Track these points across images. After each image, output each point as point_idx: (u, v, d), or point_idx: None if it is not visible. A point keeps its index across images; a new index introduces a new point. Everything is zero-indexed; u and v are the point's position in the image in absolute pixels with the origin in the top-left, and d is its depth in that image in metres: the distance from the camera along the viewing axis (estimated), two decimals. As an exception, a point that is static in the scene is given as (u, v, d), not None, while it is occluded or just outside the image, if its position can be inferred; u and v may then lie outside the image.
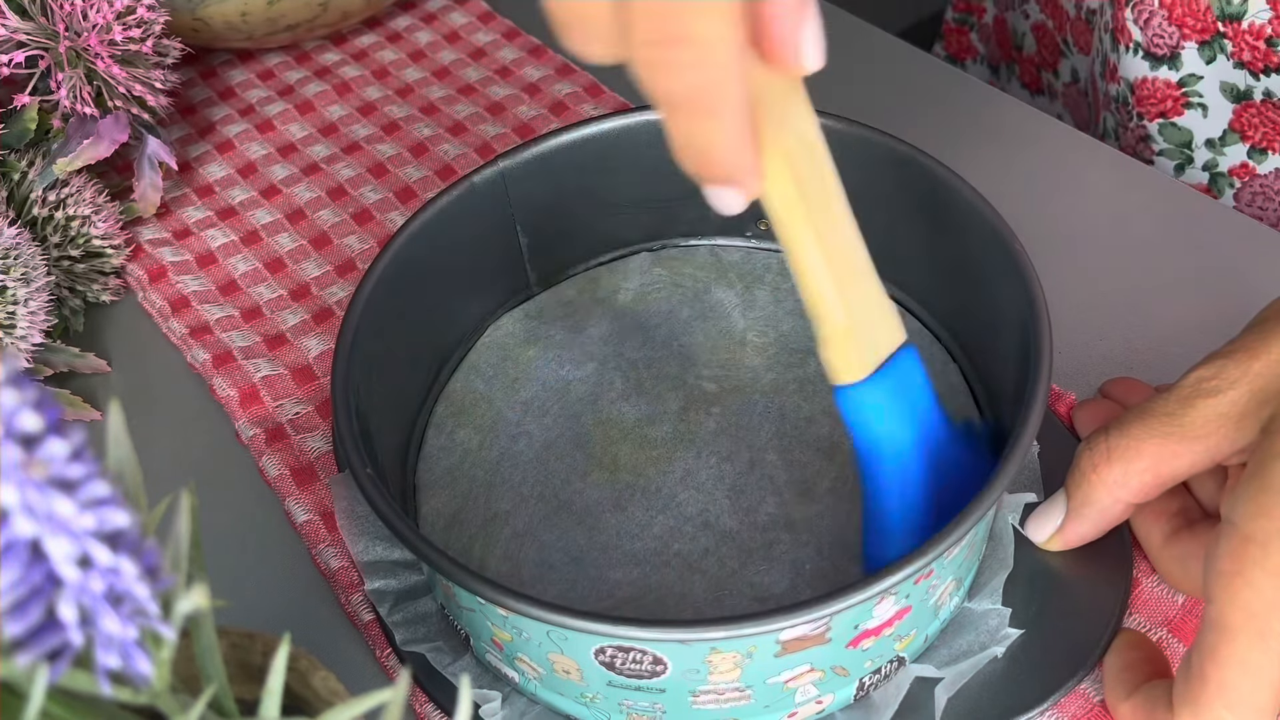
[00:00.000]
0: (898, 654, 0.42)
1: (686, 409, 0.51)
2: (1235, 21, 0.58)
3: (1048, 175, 0.61)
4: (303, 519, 0.50)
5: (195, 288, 0.60)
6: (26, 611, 0.23)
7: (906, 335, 0.42)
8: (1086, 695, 0.43)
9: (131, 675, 0.24)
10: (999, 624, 0.43)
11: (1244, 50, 0.57)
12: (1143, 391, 0.49)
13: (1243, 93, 0.60)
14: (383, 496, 0.40)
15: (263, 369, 0.56)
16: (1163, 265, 0.56)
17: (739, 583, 0.45)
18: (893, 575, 0.37)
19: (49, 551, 0.22)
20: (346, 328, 0.45)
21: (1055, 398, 0.51)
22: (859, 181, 0.51)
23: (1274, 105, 0.57)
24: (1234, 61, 0.59)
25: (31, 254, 0.53)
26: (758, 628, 0.36)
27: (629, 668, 0.39)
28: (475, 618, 0.41)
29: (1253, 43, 0.57)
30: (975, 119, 0.65)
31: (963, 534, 0.37)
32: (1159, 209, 0.59)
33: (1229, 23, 0.58)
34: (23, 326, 0.52)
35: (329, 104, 0.70)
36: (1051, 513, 0.44)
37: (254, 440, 0.53)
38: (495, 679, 0.44)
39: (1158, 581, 0.45)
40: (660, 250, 0.56)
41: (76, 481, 0.22)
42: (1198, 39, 0.61)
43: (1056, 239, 0.57)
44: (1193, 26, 0.60)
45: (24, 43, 0.57)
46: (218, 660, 0.29)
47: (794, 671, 0.39)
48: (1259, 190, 0.65)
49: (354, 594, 0.47)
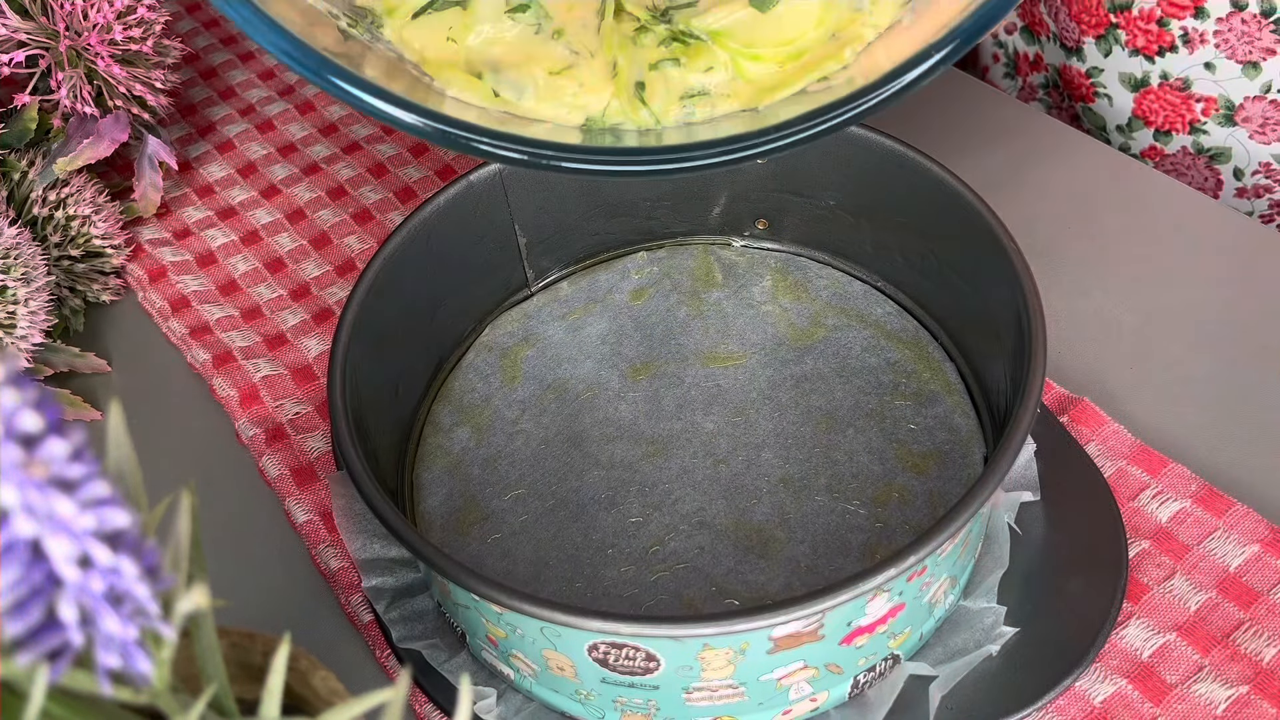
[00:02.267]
0: (892, 652, 0.42)
1: (683, 408, 0.51)
2: (1125, 10, 0.59)
3: (1047, 173, 0.61)
4: (303, 519, 0.50)
5: (195, 288, 0.60)
6: (27, 611, 0.23)
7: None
8: (1081, 693, 0.43)
9: (132, 675, 0.24)
10: (994, 622, 0.43)
11: (1138, 36, 0.59)
12: None
13: (1140, 81, 0.61)
14: (379, 494, 0.40)
15: (263, 369, 0.56)
16: (1163, 264, 0.56)
17: (734, 580, 0.45)
18: (884, 572, 0.37)
19: (49, 551, 0.22)
20: (343, 327, 0.46)
21: (1051, 396, 0.51)
22: (855, 181, 0.52)
23: (1171, 88, 0.58)
24: (1129, 50, 0.60)
25: (32, 254, 0.53)
26: (749, 624, 0.36)
27: (622, 664, 0.39)
28: (470, 615, 0.42)
29: (1145, 27, 0.58)
30: (976, 118, 0.65)
31: (955, 530, 0.38)
32: (1159, 208, 0.59)
33: (1120, 13, 0.60)
34: (23, 326, 0.53)
35: (329, 104, 0.70)
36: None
37: (254, 440, 0.53)
38: (491, 676, 0.44)
39: (1166, 587, 0.45)
40: (658, 250, 0.56)
41: (77, 481, 0.22)
42: (1094, 34, 0.62)
43: (1053, 236, 0.58)
44: (1089, 22, 0.62)
45: (24, 42, 0.58)
46: (218, 660, 0.29)
47: (787, 669, 0.40)
48: (1170, 169, 0.67)
49: (354, 594, 0.48)
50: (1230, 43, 0.57)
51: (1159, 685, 0.43)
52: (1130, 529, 0.47)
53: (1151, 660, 0.43)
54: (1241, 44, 0.56)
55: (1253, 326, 0.54)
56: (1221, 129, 0.62)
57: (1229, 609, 0.44)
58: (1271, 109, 0.59)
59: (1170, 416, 0.51)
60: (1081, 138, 0.63)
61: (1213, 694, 0.42)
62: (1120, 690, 0.43)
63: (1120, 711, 0.42)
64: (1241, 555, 0.46)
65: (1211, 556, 0.46)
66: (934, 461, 0.48)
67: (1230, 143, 0.62)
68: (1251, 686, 0.42)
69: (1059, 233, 0.58)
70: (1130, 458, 0.49)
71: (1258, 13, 0.55)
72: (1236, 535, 0.46)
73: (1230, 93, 0.60)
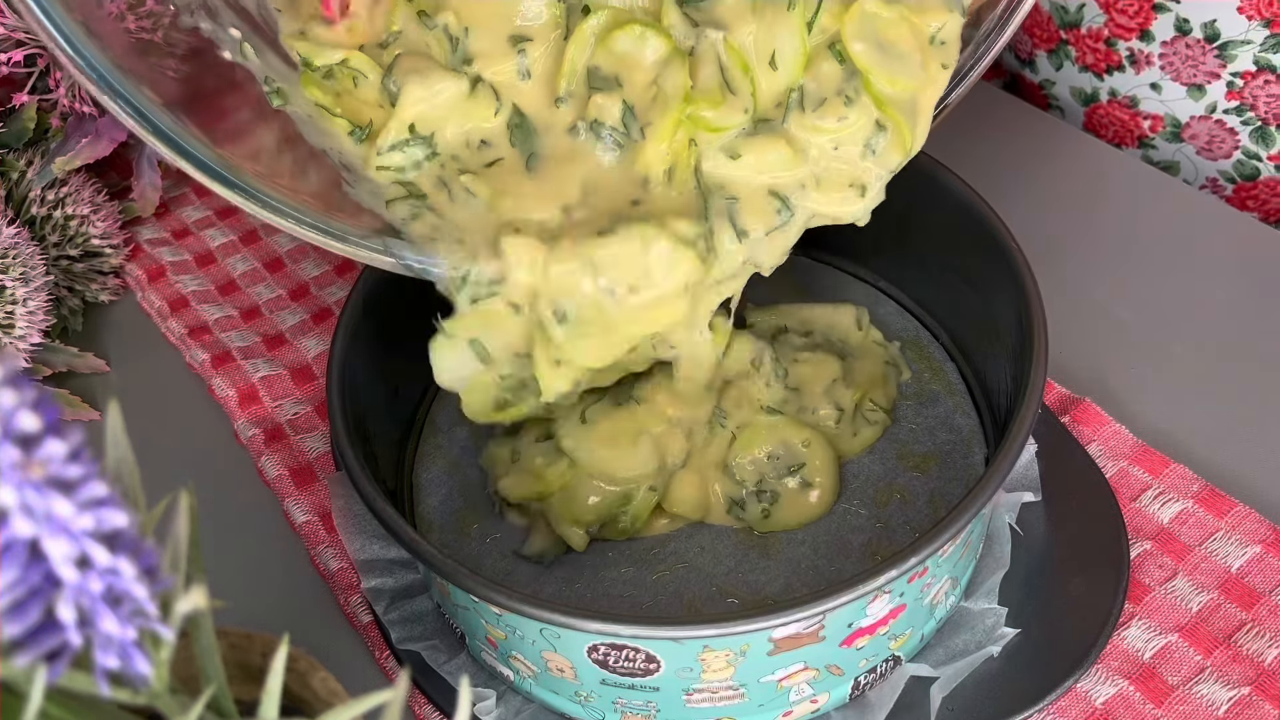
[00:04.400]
0: (893, 653, 0.42)
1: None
2: (1075, 28, 0.60)
3: (1048, 173, 0.61)
4: (302, 520, 0.50)
5: (194, 287, 0.60)
6: (25, 612, 0.23)
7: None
8: (1083, 694, 0.43)
9: (130, 676, 0.24)
10: (995, 623, 0.43)
11: (1087, 54, 0.59)
12: None
13: (1090, 95, 0.62)
14: (378, 495, 0.40)
15: (261, 369, 0.56)
16: (1165, 264, 0.56)
17: (735, 581, 0.45)
18: (885, 573, 0.37)
19: (48, 552, 0.22)
20: (342, 327, 0.46)
21: (1052, 396, 0.51)
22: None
23: (1119, 104, 0.59)
24: (1079, 66, 0.61)
25: (30, 253, 0.53)
26: (750, 625, 0.36)
27: (622, 666, 0.39)
28: (470, 616, 0.41)
29: (1093, 45, 0.59)
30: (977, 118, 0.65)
31: (956, 531, 0.38)
32: (1161, 208, 0.59)
33: (1069, 30, 0.60)
34: (21, 326, 0.52)
35: (327, 103, 0.70)
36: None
37: (253, 440, 0.53)
38: (490, 677, 0.44)
39: (1168, 587, 0.45)
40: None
41: (75, 482, 0.22)
42: (1046, 48, 0.63)
43: (1055, 235, 0.57)
44: (1040, 36, 0.63)
45: (23, 41, 0.58)
46: (217, 661, 0.29)
47: (788, 670, 0.40)
48: None
49: (353, 595, 0.47)
50: (1175, 65, 0.57)
51: (1160, 686, 0.43)
52: (1132, 529, 0.47)
53: (1153, 661, 0.43)
54: (1186, 67, 0.57)
55: (1254, 326, 0.53)
56: (1170, 144, 0.63)
57: (1231, 610, 0.44)
58: (1217, 128, 0.59)
59: (1172, 417, 0.50)
60: (1083, 137, 0.63)
61: (1214, 695, 0.42)
62: (1122, 691, 0.43)
63: (1122, 712, 0.42)
64: (1243, 556, 0.45)
65: (1213, 557, 0.46)
66: (935, 462, 0.48)
67: (1179, 158, 0.63)
68: (1253, 688, 0.42)
69: (1060, 232, 0.58)
70: (1132, 458, 0.49)
71: (1201, 38, 0.55)
72: (1238, 536, 0.46)
73: (1176, 112, 0.61)
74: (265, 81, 0.42)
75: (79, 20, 0.37)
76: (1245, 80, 0.57)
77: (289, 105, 0.42)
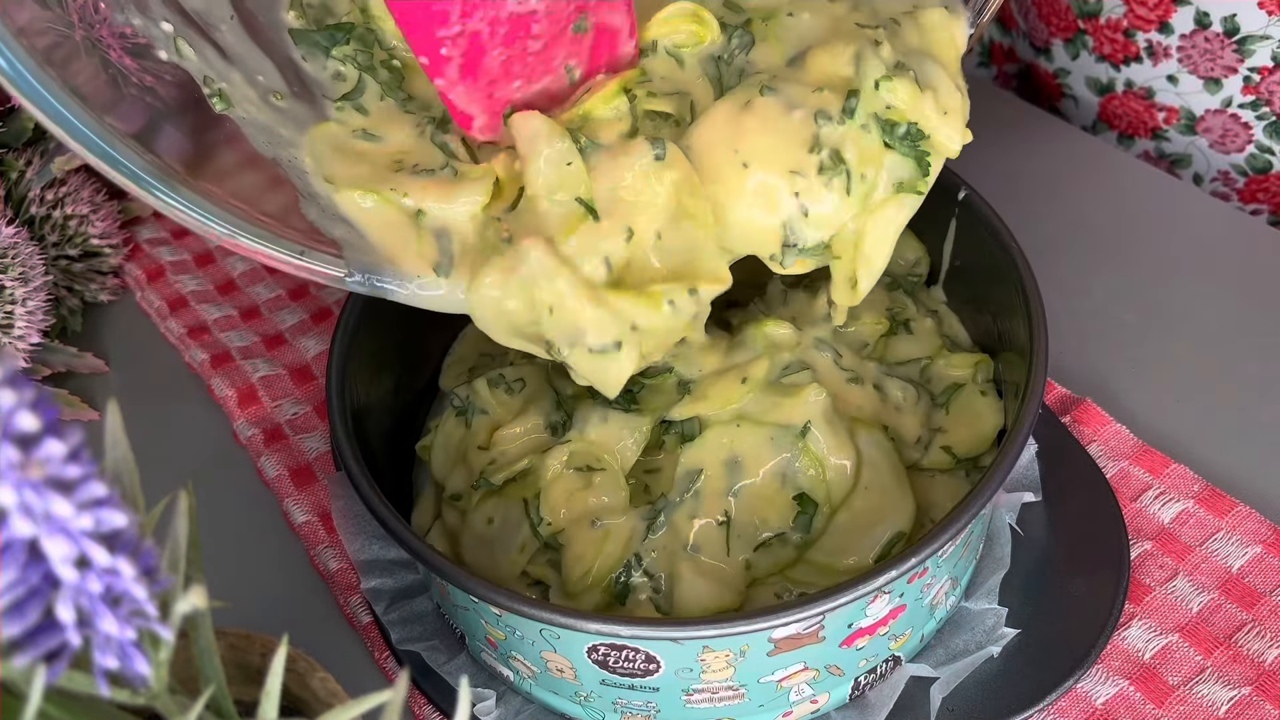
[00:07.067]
0: (893, 653, 0.42)
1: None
2: (1094, 18, 0.60)
3: (1049, 173, 0.61)
4: (301, 520, 0.50)
5: (193, 287, 0.60)
6: (24, 612, 0.23)
7: None
8: (1083, 695, 0.43)
9: (130, 676, 0.24)
10: (995, 623, 0.43)
11: (1104, 44, 0.59)
12: None
13: (1105, 86, 0.62)
14: (377, 495, 0.40)
15: (261, 369, 0.56)
16: (1166, 265, 0.56)
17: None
18: (885, 573, 0.37)
19: (47, 552, 0.22)
20: (342, 326, 0.45)
21: (1052, 396, 0.51)
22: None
23: (1135, 95, 0.59)
24: (1096, 55, 0.61)
25: (29, 253, 0.53)
26: (750, 626, 0.36)
27: (622, 666, 0.39)
28: (469, 616, 0.41)
29: (1111, 35, 0.59)
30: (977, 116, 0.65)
31: (956, 531, 0.37)
32: (1162, 209, 0.59)
33: (1088, 19, 0.60)
34: (21, 326, 0.52)
35: (327, 103, 0.70)
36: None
37: (252, 440, 0.53)
38: (490, 678, 0.44)
39: (1168, 587, 0.45)
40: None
41: (74, 482, 0.22)
42: (1063, 37, 0.63)
43: (1055, 235, 0.57)
44: (1058, 24, 0.63)
45: (22, 43, 0.57)
46: (216, 661, 0.29)
47: (788, 670, 0.39)
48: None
49: (352, 596, 0.47)
50: (1193, 58, 0.57)
51: (1161, 686, 0.43)
52: (1132, 529, 0.47)
53: (1153, 661, 0.43)
54: (1204, 60, 0.57)
55: (1255, 326, 0.53)
56: (1183, 137, 0.63)
57: (1231, 610, 0.44)
58: (1231, 122, 0.59)
59: (1172, 417, 0.50)
60: (1084, 137, 0.63)
61: (1215, 695, 0.42)
62: (1122, 691, 0.43)
63: (1122, 713, 0.42)
64: (1244, 556, 0.45)
65: (1214, 557, 0.46)
66: (935, 462, 0.48)
67: (1191, 150, 0.63)
68: (1254, 688, 0.42)
69: (1061, 232, 0.58)
70: (1132, 458, 0.49)
71: (1220, 32, 0.55)
72: (1239, 536, 0.46)
73: (1191, 105, 0.61)
74: (205, 83, 0.39)
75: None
76: (1263, 75, 0.57)
77: (232, 110, 0.39)
